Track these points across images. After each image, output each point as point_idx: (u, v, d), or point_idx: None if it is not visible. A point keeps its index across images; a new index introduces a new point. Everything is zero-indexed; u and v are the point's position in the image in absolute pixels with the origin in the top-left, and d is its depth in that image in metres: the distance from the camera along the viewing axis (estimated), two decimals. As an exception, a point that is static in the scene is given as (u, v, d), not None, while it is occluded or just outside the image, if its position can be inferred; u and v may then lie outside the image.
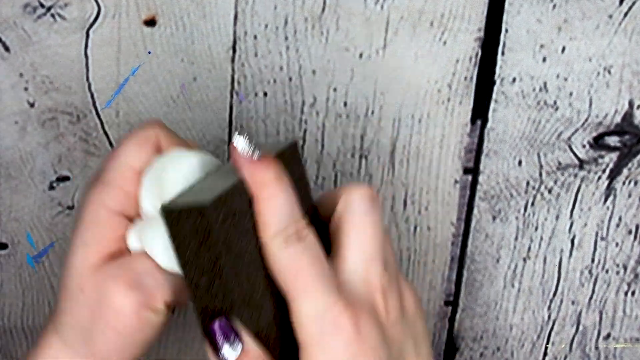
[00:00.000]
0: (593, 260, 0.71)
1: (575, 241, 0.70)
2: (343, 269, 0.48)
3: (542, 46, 0.65)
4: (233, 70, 0.64)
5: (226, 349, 0.45)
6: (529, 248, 0.70)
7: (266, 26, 0.63)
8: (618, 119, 0.67)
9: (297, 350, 0.46)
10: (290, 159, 0.50)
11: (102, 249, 0.50)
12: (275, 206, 0.46)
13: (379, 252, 0.48)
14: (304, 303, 0.45)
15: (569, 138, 0.67)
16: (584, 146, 0.67)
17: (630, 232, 0.70)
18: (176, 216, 0.44)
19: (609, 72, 0.65)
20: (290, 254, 0.45)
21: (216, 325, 0.45)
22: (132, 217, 0.51)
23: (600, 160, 0.68)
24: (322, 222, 0.51)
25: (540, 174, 0.68)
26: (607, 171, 0.68)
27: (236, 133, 0.46)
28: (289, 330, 0.47)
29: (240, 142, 0.46)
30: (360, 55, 0.64)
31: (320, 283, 0.45)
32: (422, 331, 0.51)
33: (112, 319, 0.49)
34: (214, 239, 0.44)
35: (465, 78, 0.65)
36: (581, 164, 0.68)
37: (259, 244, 0.47)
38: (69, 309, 0.50)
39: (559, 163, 0.67)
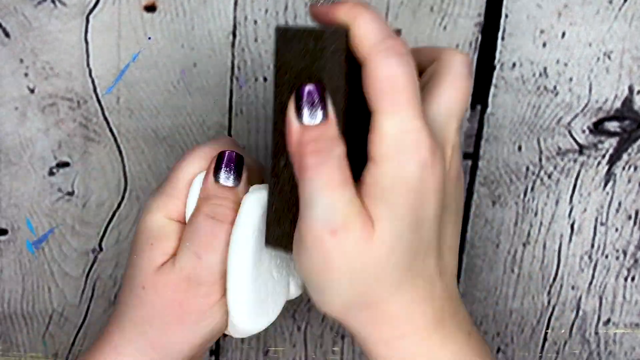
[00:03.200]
0: (593, 246, 0.71)
1: (575, 226, 0.70)
2: (427, 112, 0.47)
3: (542, 31, 0.65)
4: (233, 55, 0.64)
5: (311, 111, 0.45)
6: (529, 233, 0.70)
7: (266, 11, 0.63)
8: (618, 104, 0.67)
9: (363, 165, 0.46)
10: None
11: (164, 252, 0.52)
12: (370, 18, 0.45)
13: (461, 113, 0.48)
14: (391, 117, 0.44)
15: (569, 123, 0.67)
16: (583, 131, 0.67)
17: (629, 217, 0.70)
18: (289, 36, 0.45)
19: (609, 57, 0.65)
20: (392, 64, 0.43)
21: (309, 88, 0.45)
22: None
23: (600, 146, 0.68)
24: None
25: (540, 159, 0.68)
26: (607, 156, 0.68)
27: None
28: (358, 147, 0.46)
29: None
30: (360, 40, 0.64)
31: (413, 103, 0.44)
32: (461, 205, 0.51)
33: (171, 313, 0.51)
34: (319, 63, 0.44)
35: (465, 63, 0.65)
36: (581, 149, 0.68)
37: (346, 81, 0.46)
38: (131, 304, 0.53)
39: (559, 148, 0.67)
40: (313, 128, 0.45)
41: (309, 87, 0.45)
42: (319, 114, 0.45)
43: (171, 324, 0.52)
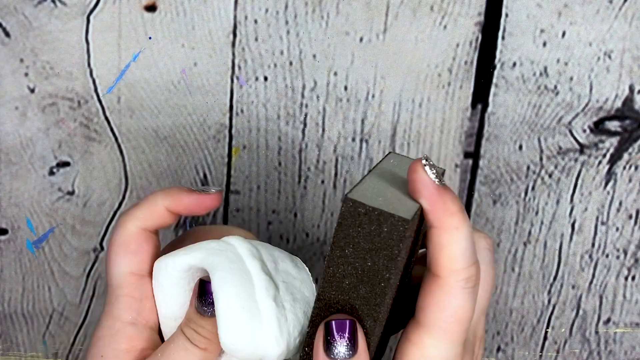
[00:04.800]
0: (593, 245, 0.71)
1: (576, 226, 0.70)
2: None
3: (542, 31, 0.65)
4: (233, 54, 0.64)
5: (339, 348, 0.44)
6: (530, 232, 0.70)
7: (266, 10, 0.63)
8: (618, 103, 0.67)
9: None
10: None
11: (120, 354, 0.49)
12: (462, 239, 0.42)
13: (487, 306, 0.48)
14: (439, 343, 0.44)
15: (570, 123, 0.67)
16: (584, 131, 0.67)
17: (630, 216, 0.70)
18: (362, 213, 0.42)
19: (610, 57, 0.65)
20: (466, 296, 0.43)
21: (340, 322, 0.44)
22: (145, 323, 0.50)
23: (600, 145, 0.68)
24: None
25: (541, 159, 0.68)
26: (608, 156, 0.68)
27: (423, 158, 0.42)
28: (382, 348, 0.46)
29: (428, 166, 0.42)
30: (361, 40, 0.64)
31: (462, 335, 0.44)
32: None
33: None
34: (391, 252, 0.42)
35: (466, 62, 0.65)
36: (582, 148, 0.68)
37: (407, 267, 0.45)
38: None
39: (560, 147, 0.67)
40: None
41: (339, 322, 0.44)
42: (344, 350, 0.44)
43: None
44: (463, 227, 0.42)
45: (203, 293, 0.47)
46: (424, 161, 0.42)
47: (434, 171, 0.42)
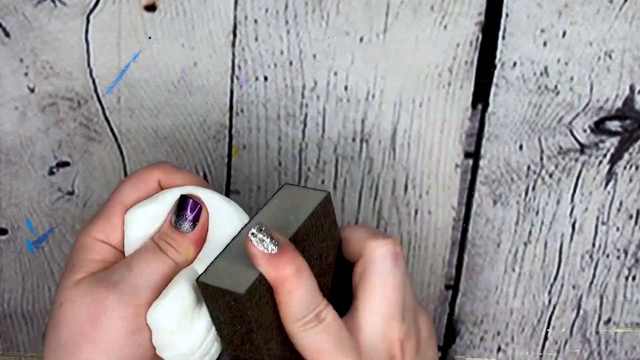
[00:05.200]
0: (594, 245, 0.71)
1: (576, 226, 0.70)
2: (364, 329, 0.51)
3: (542, 30, 0.64)
4: (234, 54, 0.64)
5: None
6: (530, 232, 0.70)
7: (266, 10, 0.63)
8: (619, 103, 0.67)
9: None
10: (321, 214, 0.53)
11: (86, 270, 0.51)
12: (295, 298, 0.49)
13: (399, 309, 0.52)
14: None
15: (570, 122, 0.67)
16: (584, 131, 0.67)
17: (631, 216, 0.70)
18: (212, 291, 0.48)
19: (610, 56, 0.65)
20: (311, 335, 0.49)
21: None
22: (114, 245, 0.53)
23: (601, 145, 0.68)
24: (345, 261, 0.55)
25: (541, 159, 0.68)
26: (608, 156, 0.68)
27: (253, 229, 0.48)
28: None
29: (257, 238, 0.48)
30: (361, 39, 0.64)
31: (342, 356, 0.49)
32: (433, 357, 0.55)
33: (85, 332, 0.50)
34: (246, 318, 0.48)
35: (466, 62, 0.65)
36: (582, 148, 0.68)
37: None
38: (50, 327, 0.51)
39: (560, 147, 0.67)
40: None
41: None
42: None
43: (83, 346, 0.49)
44: (295, 288, 0.48)
45: (182, 208, 0.52)
46: (252, 233, 0.48)
47: (268, 239, 0.48)
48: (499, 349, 0.74)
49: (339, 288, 0.55)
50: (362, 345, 0.51)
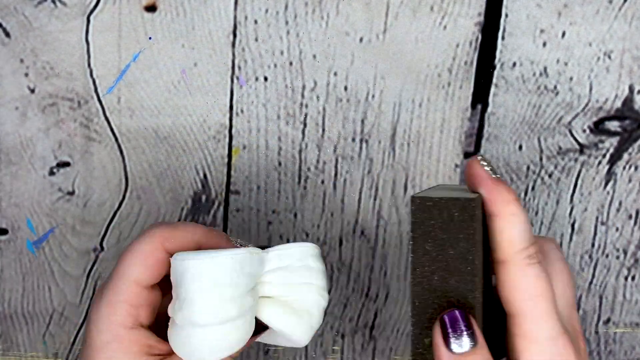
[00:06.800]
0: (593, 245, 0.71)
1: (576, 226, 0.70)
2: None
3: (542, 31, 0.65)
4: (234, 55, 0.64)
5: (459, 342, 0.45)
6: (529, 232, 0.70)
7: (266, 11, 0.63)
8: (618, 103, 0.67)
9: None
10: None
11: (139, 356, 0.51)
12: (520, 223, 0.46)
13: (575, 298, 0.51)
14: (539, 323, 0.46)
15: (570, 123, 0.67)
16: (584, 131, 0.67)
17: (630, 217, 0.70)
18: (429, 207, 0.45)
19: (609, 57, 0.65)
20: (535, 273, 0.46)
21: (455, 315, 0.46)
22: (143, 324, 0.52)
23: (600, 145, 0.68)
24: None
25: (541, 159, 0.68)
26: (608, 156, 0.68)
27: (479, 155, 0.47)
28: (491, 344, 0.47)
29: (483, 162, 0.47)
30: (361, 40, 0.64)
31: (555, 310, 0.46)
32: None
33: None
34: (467, 234, 0.45)
35: (466, 62, 0.65)
36: (581, 148, 0.68)
37: (487, 260, 0.48)
38: None
39: (560, 148, 0.67)
40: (464, 356, 0.45)
41: (452, 315, 0.46)
42: (467, 341, 0.45)
43: None
44: (519, 213, 0.46)
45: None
46: (479, 157, 0.46)
47: (490, 167, 0.47)
48: (498, 349, 0.74)
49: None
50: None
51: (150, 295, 0.52)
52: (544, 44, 0.65)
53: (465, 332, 0.45)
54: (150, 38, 0.63)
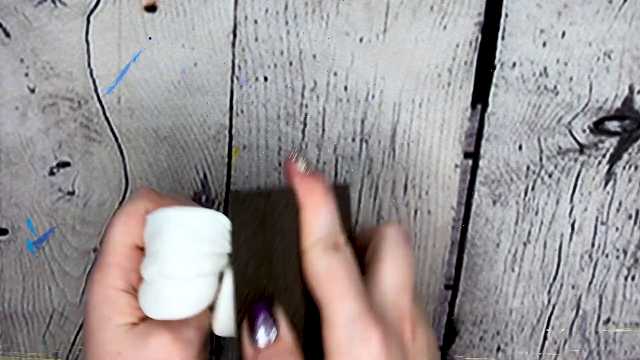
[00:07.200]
0: (593, 245, 0.71)
1: (576, 226, 0.70)
2: (375, 291, 0.49)
3: (542, 31, 0.65)
4: (234, 55, 0.64)
5: (262, 333, 0.47)
6: (529, 232, 0.70)
7: (266, 11, 0.63)
8: (618, 103, 0.67)
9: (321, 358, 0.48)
10: (339, 197, 0.52)
11: (125, 320, 0.51)
12: (318, 215, 0.48)
13: (410, 281, 0.50)
14: (336, 308, 0.47)
15: (569, 123, 0.67)
16: (584, 131, 0.67)
17: (630, 216, 0.70)
18: (242, 199, 0.48)
19: (609, 57, 0.66)
20: (328, 261, 0.48)
21: (258, 307, 0.48)
22: (136, 289, 0.52)
23: (600, 145, 0.68)
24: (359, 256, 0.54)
25: (541, 159, 0.68)
26: (608, 156, 0.68)
27: (297, 151, 0.50)
28: (315, 341, 0.48)
29: (298, 160, 0.49)
30: (361, 40, 0.64)
31: (354, 291, 0.47)
32: None
33: None
34: (271, 222, 0.48)
35: (466, 62, 0.65)
36: (581, 148, 0.68)
37: (299, 250, 0.49)
38: None
39: (559, 148, 0.67)
40: (268, 348, 0.47)
41: (260, 305, 0.48)
42: (266, 333, 0.48)
43: None
44: (322, 204, 0.49)
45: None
46: (295, 152, 0.50)
47: (305, 161, 0.50)
48: (498, 349, 0.74)
49: None
50: (374, 305, 0.48)
51: (140, 259, 0.52)
52: (544, 44, 0.65)
53: (266, 324, 0.47)
54: (150, 38, 0.63)
